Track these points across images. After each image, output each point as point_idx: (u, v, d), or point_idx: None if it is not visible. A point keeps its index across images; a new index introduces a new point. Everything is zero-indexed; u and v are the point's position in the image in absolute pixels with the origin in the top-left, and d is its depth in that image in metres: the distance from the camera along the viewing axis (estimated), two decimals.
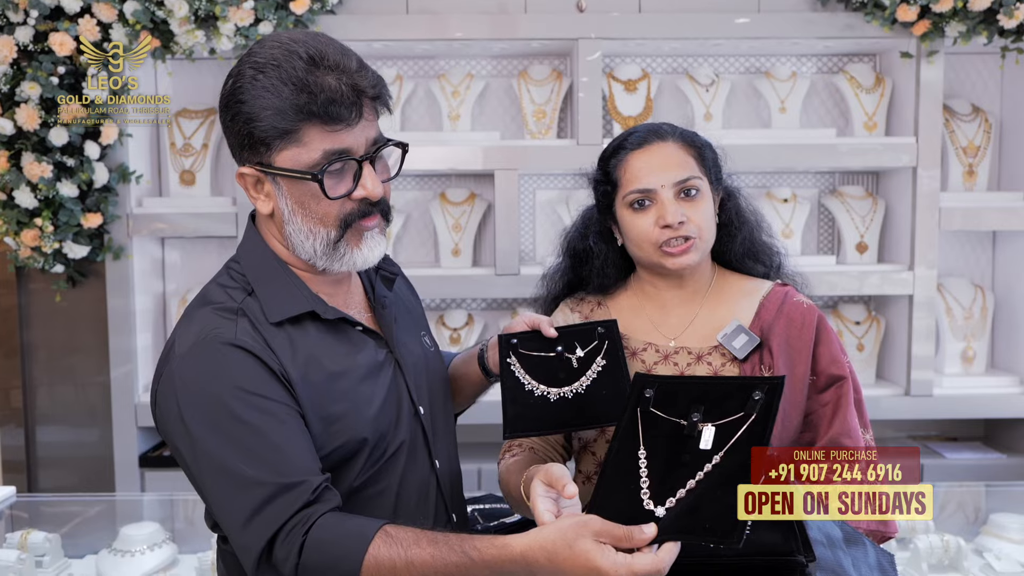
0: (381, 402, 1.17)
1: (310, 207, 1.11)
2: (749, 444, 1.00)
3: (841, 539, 1.16)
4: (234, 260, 1.20)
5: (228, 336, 1.08)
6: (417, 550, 1.01)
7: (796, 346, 1.35)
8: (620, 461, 1.05)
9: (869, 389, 2.90)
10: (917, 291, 2.81)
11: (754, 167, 2.92)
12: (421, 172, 2.98)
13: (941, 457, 2.92)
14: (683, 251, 1.34)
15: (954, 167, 2.94)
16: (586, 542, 0.96)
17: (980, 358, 2.97)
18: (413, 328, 1.32)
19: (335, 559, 1.00)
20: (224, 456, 1.04)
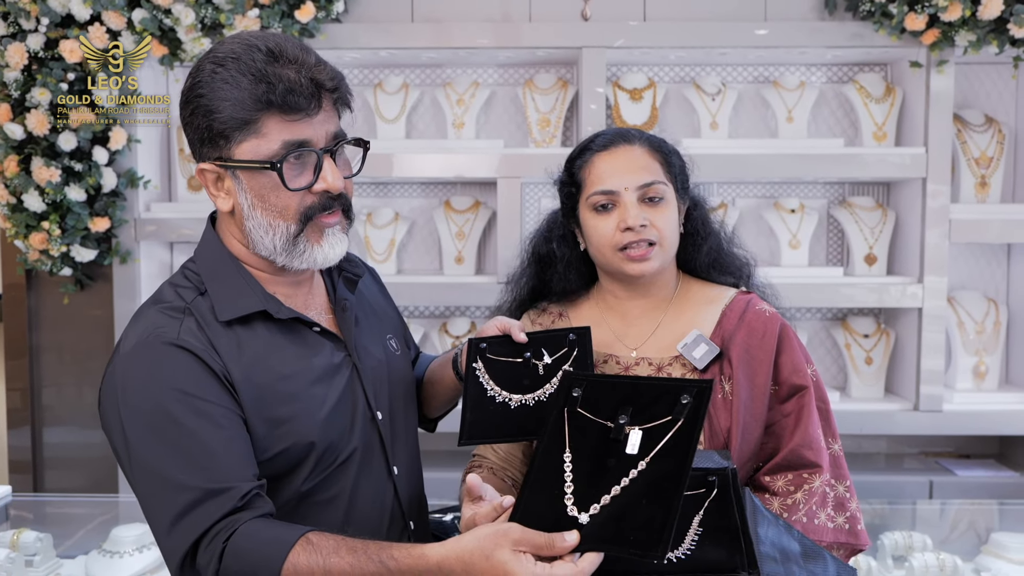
0: (333, 406, 1.16)
1: (270, 200, 1.11)
2: (676, 450, 0.98)
3: (799, 554, 1.13)
4: (191, 260, 1.21)
5: (171, 336, 1.08)
6: (336, 559, 1.00)
7: (757, 355, 1.32)
8: (545, 463, 1.02)
9: (877, 404, 2.85)
10: (927, 304, 2.75)
11: (761, 177, 2.89)
12: (426, 180, 2.99)
13: (952, 474, 2.85)
14: (643, 256, 1.32)
15: (966, 178, 2.88)
16: (504, 552, 0.95)
17: (993, 373, 2.90)
18: (378, 331, 1.31)
19: (253, 566, 1.00)
20: (155, 458, 1.04)
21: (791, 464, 1.30)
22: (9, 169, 2.63)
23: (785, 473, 1.30)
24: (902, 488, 2.79)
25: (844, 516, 1.31)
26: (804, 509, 1.27)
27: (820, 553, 1.16)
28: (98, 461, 2.91)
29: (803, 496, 1.27)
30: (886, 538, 1.99)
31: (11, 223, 2.68)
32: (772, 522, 1.18)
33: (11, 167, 2.62)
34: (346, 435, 1.17)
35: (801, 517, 1.26)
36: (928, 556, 1.88)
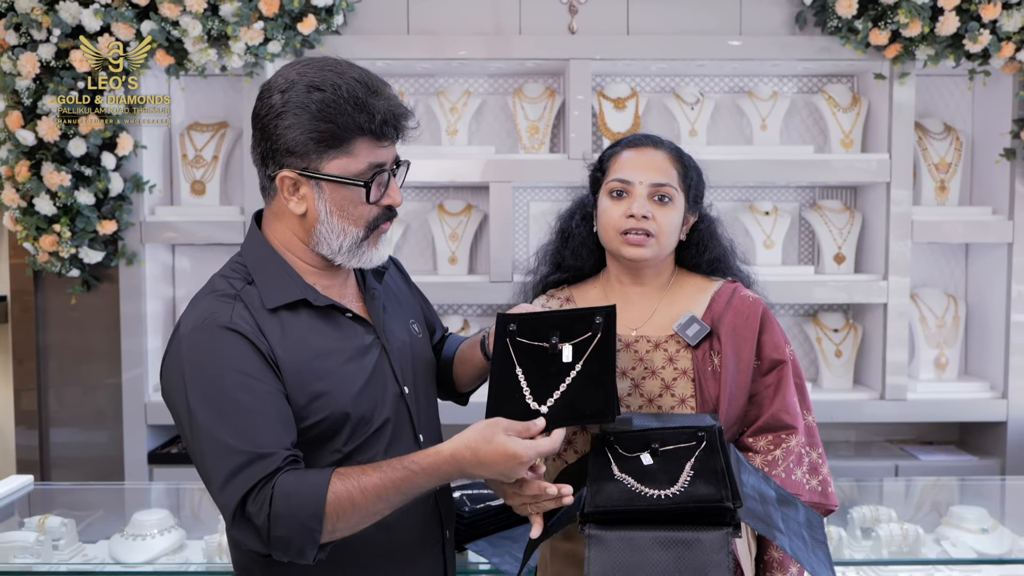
0: (364, 381, 1.31)
1: (348, 210, 1.27)
2: (601, 353, 1.31)
3: (775, 499, 1.31)
4: (238, 255, 1.36)
5: (224, 320, 1.23)
6: (366, 478, 1.19)
7: (742, 334, 1.50)
8: (502, 380, 1.32)
9: (847, 394, 3.04)
10: (891, 300, 2.95)
11: (737, 181, 3.07)
12: (420, 184, 3.13)
13: (915, 459, 3.05)
14: (639, 243, 1.49)
15: (927, 182, 3.08)
16: (500, 436, 1.21)
17: (953, 364, 3.10)
18: (402, 316, 1.47)
19: (301, 501, 1.16)
20: (212, 425, 1.19)
21: (771, 427, 1.48)
22: (21, 174, 2.73)
23: (766, 434, 1.48)
24: (870, 472, 2.98)
25: (817, 479, 1.48)
26: (783, 465, 1.45)
27: (793, 501, 1.34)
28: (103, 459, 3.00)
29: (781, 453, 1.46)
30: (855, 511, 2.17)
31: (22, 226, 2.78)
32: (753, 472, 1.38)
33: (23, 172, 2.73)
34: (377, 407, 1.32)
35: (780, 472, 1.44)
36: (893, 527, 2.06)
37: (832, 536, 2.06)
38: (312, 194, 1.27)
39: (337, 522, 1.17)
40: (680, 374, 1.48)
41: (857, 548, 2.08)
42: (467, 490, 1.93)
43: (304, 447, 1.25)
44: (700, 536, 1.19)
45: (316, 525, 1.16)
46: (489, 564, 1.74)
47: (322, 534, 1.17)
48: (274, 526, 1.16)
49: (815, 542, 1.30)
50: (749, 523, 1.23)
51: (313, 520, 1.16)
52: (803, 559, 1.24)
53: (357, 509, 1.18)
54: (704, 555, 1.18)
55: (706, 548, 1.18)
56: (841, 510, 2.25)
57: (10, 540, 2.02)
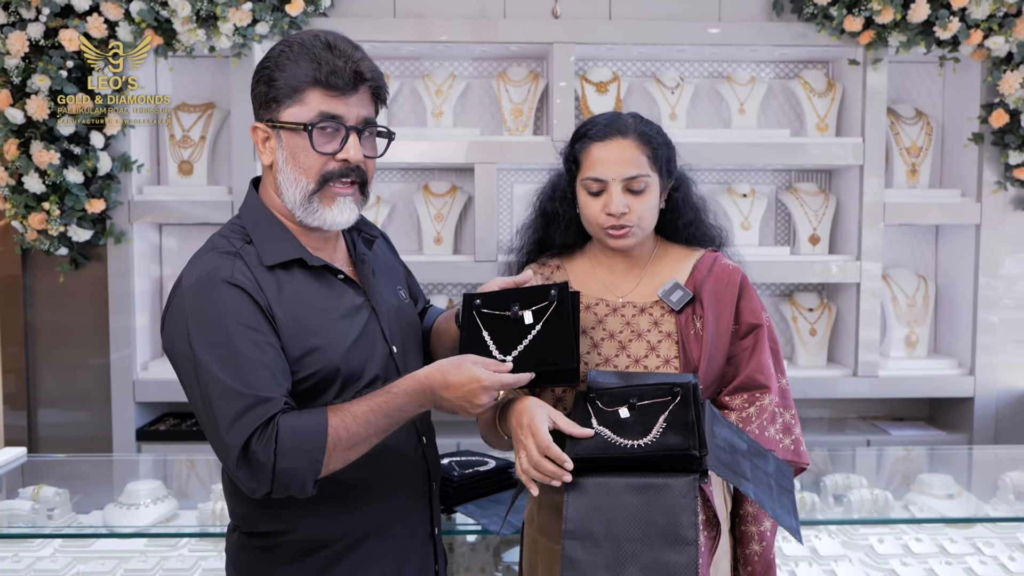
0: (355, 339, 1.38)
1: (299, 158, 1.34)
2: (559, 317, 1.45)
3: (746, 451, 1.39)
4: (236, 217, 1.43)
5: (226, 274, 1.30)
6: (355, 407, 1.28)
7: (722, 299, 1.58)
8: (470, 341, 1.45)
9: (821, 371, 3.14)
10: (864, 280, 3.05)
11: (716, 164, 3.15)
12: (406, 165, 3.18)
13: (887, 434, 3.16)
14: (621, 235, 1.56)
15: (899, 166, 3.18)
16: (468, 363, 1.33)
17: (923, 342, 3.21)
18: (390, 282, 1.55)
19: (306, 434, 1.24)
20: (218, 371, 1.25)
21: (746, 386, 1.56)
22: (9, 152, 2.75)
23: (741, 393, 1.56)
24: (843, 446, 3.07)
25: (790, 438, 1.57)
26: (756, 422, 1.53)
27: (765, 452, 1.42)
28: (91, 439, 3.03)
29: (755, 411, 1.54)
30: (827, 479, 2.26)
31: (11, 204, 2.79)
32: (726, 425, 1.46)
33: (11, 150, 2.74)
34: (367, 364, 1.39)
35: (754, 428, 1.52)
36: (864, 492, 2.15)
37: (805, 501, 2.14)
38: (276, 144, 1.35)
39: (334, 452, 1.25)
40: (665, 336, 1.56)
41: (829, 513, 2.17)
42: (456, 456, 2.00)
43: (296, 399, 1.31)
44: (669, 481, 1.28)
45: (319, 456, 1.24)
46: (478, 525, 1.81)
47: (323, 466, 1.24)
48: (280, 459, 1.22)
49: (781, 490, 1.38)
50: (715, 470, 1.31)
51: (317, 451, 1.24)
52: (767, 505, 1.32)
53: (352, 436, 1.26)
54: (672, 499, 1.27)
55: (674, 492, 1.27)
56: (814, 478, 2.34)
57: (5, 509, 2.06)
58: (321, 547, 1.36)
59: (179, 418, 3.15)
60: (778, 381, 1.60)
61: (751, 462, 1.38)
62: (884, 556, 2.00)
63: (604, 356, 1.56)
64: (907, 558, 1.99)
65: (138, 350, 3.01)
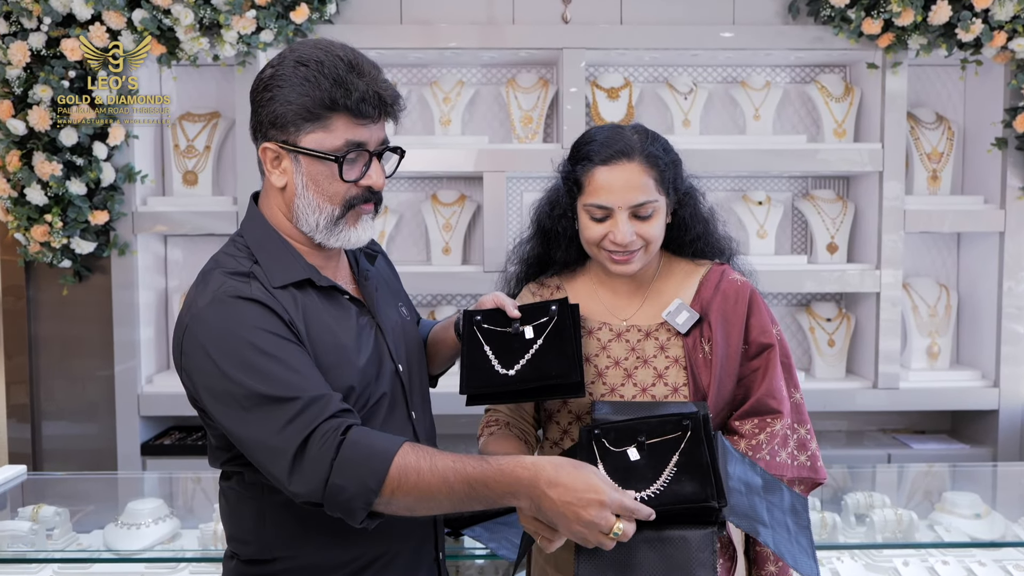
0: (367, 358, 1.33)
1: (323, 185, 1.28)
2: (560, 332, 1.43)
3: (761, 487, 1.32)
4: (238, 234, 1.36)
5: (244, 292, 1.24)
6: (440, 458, 1.18)
7: (731, 319, 1.51)
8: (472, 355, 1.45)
9: (839, 383, 3.06)
10: (883, 289, 2.96)
11: (730, 171, 3.07)
12: (414, 174, 3.12)
13: (908, 448, 3.07)
14: (625, 261, 1.50)
15: (919, 172, 3.10)
16: (589, 469, 1.17)
17: (945, 353, 3.12)
18: (392, 299, 1.49)
19: (368, 457, 1.15)
20: (254, 384, 1.18)
21: (757, 411, 1.49)
22: (11, 164, 2.71)
23: (752, 418, 1.49)
24: (863, 461, 2.99)
25: (806, 455, 1.49)
26: (767, 449, 1.45)
27: (778, 486, 1.36)
28: (95, 452, 2.98)
29: (766, 437, 1.46)
30: (849, 498, 2.18)
31: (13, 216, 2.76)
32: (739, 460, 1.38)
33: (13, 162, 2.71)
34: (375, 382, 1.34)
35: (764, 455, 1.45)
36: (887, 512, 2.07)
37: (827, 522, 2.07)
38: (291, 167, 1.29)
39: (397, 491, 1.16)
40: (672, 362, 1.49)
41: (851, 534, 2.09)
42: None
43: None
44: (686, 535, 1.21)
45: (375, 484, 1.15)
46: (487, 549, 1.74)
47: (379, 496, 1.16)
48: (336, 472, 1.15)
49: (798, 528, 1.32)
50: (733, 522, 1.25)
51: (374, 478, 1.15)
52: (785, 551, 1.25)
53: (420, 485, 1.16)
54: (690, 553, 1.20)
55: (692, 546, 1.20)
56: (835, 496, 2.26)
57: (4, 529, 2.01)
58: (327, 571, 1.30)
59: (185, 431, 3.10)
60: (791, 397, 1.53)
61: (767, 501, 1.31)
62: None
63: (609, 386, 1.50)
64: None
65: (143, 362, 2.97)
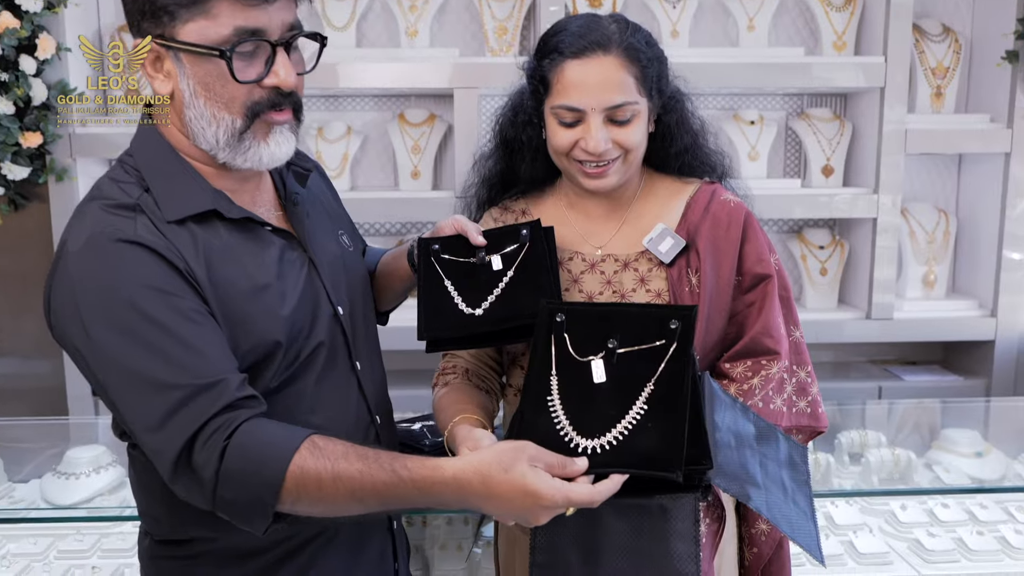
0: (295, 303, 1.11)
1: (215, 89, 1.04)
2: (533, 261, 1.20)
3: (753, 436, 1.13)
4: (127, 154, 1.11)
5: (127, 233, 1.01)
6: (345, 464, 0.96)
7: (722, 247, 1.31)
8: (431, 293, 1.24)
9: (830, 313, 2.91)
10: (881, 215, 2.79)
11: (721, 87, 2.85)
12: (378, 92, 2.88)
13: (899, 380, 2.95)
14: (600, 174, 1.28)
15: (922, 89, 2.89)
16: (522, 466, 0.94)
17: (941, 282, 2.97)
18: (329, 226, 1.26)
19: (258, 464, 0.95)
20: (132, 358, 0.97)
21: (750, 351, 1.30)
22: None
23: (744, 360, 1.30)
24: (853, 394, 2.87)
25: (806, 400, 1.33)
26: (760, 395, 1.28)
27: (773, 434, 1.17)
28: (45, 391, 2.81)
29: (759, 382, 1.28)
30: (842, 436, 2.05)
31: None
32: (729, 405, 1.18)
33: None
34: (310, 331, 1.13)
35: (757, 402, 1.27)
36: (883, 452, 1.95)
37: (819, 463, 1.93)
38: (175, 69, 1.04)
39: (298, 501, 0.97)
40: (654, 297, 1.30)
41: (846, 475, 1.97)
42: (428, 420, 1.77)
43: None
44: (664, 503, 1.02)
45: (269, 497, 0.95)
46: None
47: (278, 505, 0.97)
48: (222, 486, 0.95)
49: (796, 485, 1.13)
50: (720, 485, 1.04)
51: (267, 489, 0.95)
52: (780, 517, 1.06)
53: (323, 497, 0.96)
54: (667, 523, 1.01)
55: (670, 516, 1.01)
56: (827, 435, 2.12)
57: None
58: (256, 553, 1.11)
59: None
60: (790, 335, 1.35)
61: (760, 453, 1.11)
62: (908, 525, 1.80)
63: None
64: (933, 527, 1.79)
65: None
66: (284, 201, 1.20)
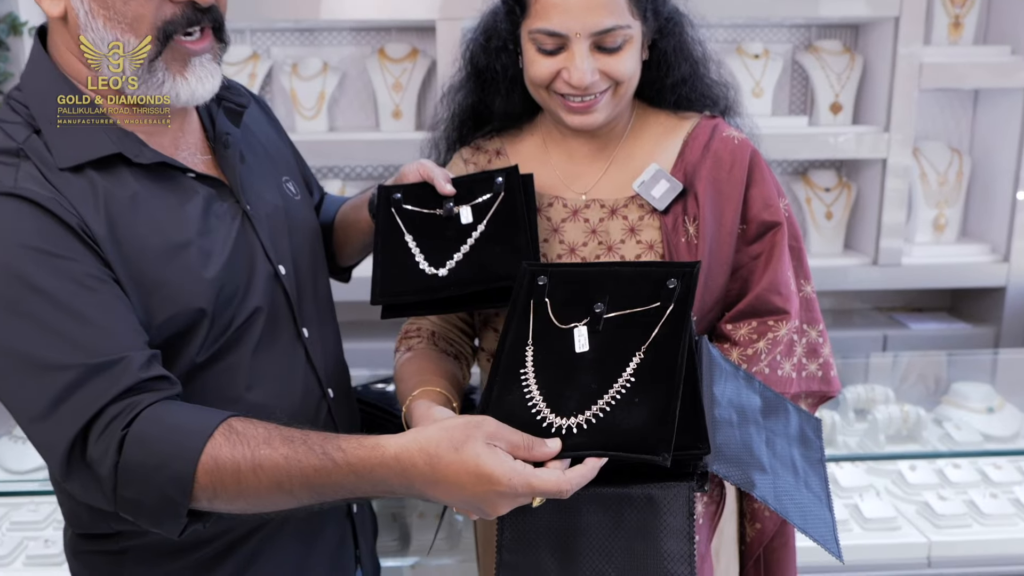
0: (223, 263, 0.96)
1: (115, 7, 0.88)
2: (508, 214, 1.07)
3: (759, 409, 0.99)
4: (16, 89, 0.95)
5: (7, 185, 0.86)
6: (267, 450, 0.82)
7: (725, 190, 1.15)
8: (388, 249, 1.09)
9: (836, 259, 2.78)
10: (892, 155, 2.63)
11: (723, 18, 2.66)
12: (356, 24, 2.68)
13: (906, 328, 2.83)
14: (585, 109, 1.12)
15: (939, 19, 2.69)
16: (476, 444, 0.79)
17: (952, 226, 2.83)
18: (270, 172, 1.10)
19: (163, 457, 0.81)
20: (11, 334, 0.83)
21: (756, 310, 1.16)
22: None
23: (749, 320, 1.16)
24: (857, 343, 2.76)
25: (817, 363, 1.20)
26: (767, 360, 1.14)
27: (782, 405, 1.03)
28: None
29: (766, 345, 1.15)
30: (848, 392, 1.93)
31: None
32: (731, 375, 1.04)
33: None
34: (243, 295, 0.98)
35: (763, 368, 1.14)
36: (892, 408, 1.84)
37: (824, 422, 1.82)
38: None
39: (214, 498, 0.84)
40: (646, 249, 1.15)
41: (851, 433, 1.86)
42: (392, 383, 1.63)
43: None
44: (653, 494, 0.87)
45: (179, 495, 0.82)
46: None
47: (192, 503, 0.84)
48: (122, 483, 0.82)
49: (808, 465, 1.00)
50: (720, 473, 0.90)
51: (175, 486, 0.82)
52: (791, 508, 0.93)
53: (244, 490, 0.83)
54: (657, 517, 0.87)
55: (660, 510, 0.86)
56: None
57: None
58: (192, 547, 0.98)
59: None
60: (800, 291, 1.21)
61: (767, 429, 0.97)
62: (916, 487, 1.70)
63: None
64: (944, 489, 1.69)
65: None
66: (213, 143, 1.04)
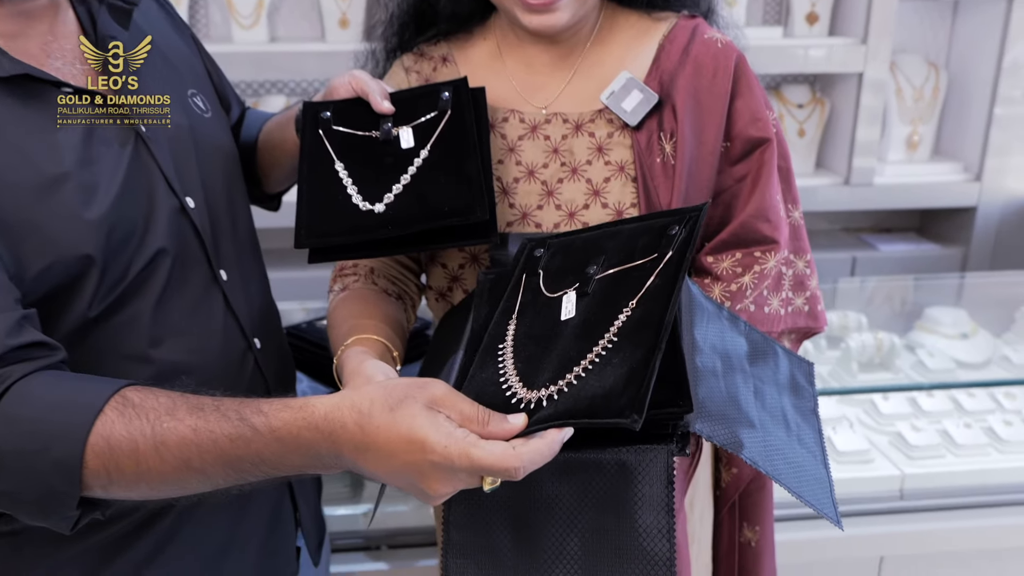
0: (113, 199, 0.80)
1: None
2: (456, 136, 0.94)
3: (746, 355, 0.88)
4: None
5: None
6: (172, 423, 0.69)
7: (706, 102, 1.02)
8: (315, 179, 0.94)
9: (808, 179, 2.68)
10: (868, 69, 2.51)
11: None
12: None
13: (874, 249, 2.78)
14: (547, 6, 0.96)
15: None
16: (414, 406, 0.66)
17: (926, 143, 2.75)
18: (172, 83, 0.94)
19: (44, 440, 0.68)
20: None
21: (741, 240, 1.05)
22: None
23: (733, 252, 1.06)
24: (824, 266, 2.64)
25: (803, 296, 1.10)
26: (752, 296, 1.04)
27: (770, 348, 0.93)
28: None
29: (751, 280, 1.05)
30: None
31: None
32: (713, 315, 0.92)
33: None
34: (141, 236, 0.83)
35: (748, 305, 1.04)
36: (865, 336, 1.78)
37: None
38: None
39: (110, 484, 0.70)
40: (616, 171, 1.03)
41: (823, 361, 1.80)
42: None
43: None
44: (626, 459, 0.74)
45: (66, 484, 0.69)
46: None
47: (78, 496, 0.70)
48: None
49: (801, 415, 0.90)
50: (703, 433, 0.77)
51: (60, 474, 0.68)
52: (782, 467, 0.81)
53: (145, 472, 0.69)
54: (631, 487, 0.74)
55: (637, 478, 0.74)
56: None
57: None
58: (100, 525, 0.85)
59: None
60: (789, 216, 1.11)
61: (754, 376, 0.85)
62: (889, 417, 1.66)
63: (519, 209, 1.04)
64: (917, 419, 1.64)
65: None
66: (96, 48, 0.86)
